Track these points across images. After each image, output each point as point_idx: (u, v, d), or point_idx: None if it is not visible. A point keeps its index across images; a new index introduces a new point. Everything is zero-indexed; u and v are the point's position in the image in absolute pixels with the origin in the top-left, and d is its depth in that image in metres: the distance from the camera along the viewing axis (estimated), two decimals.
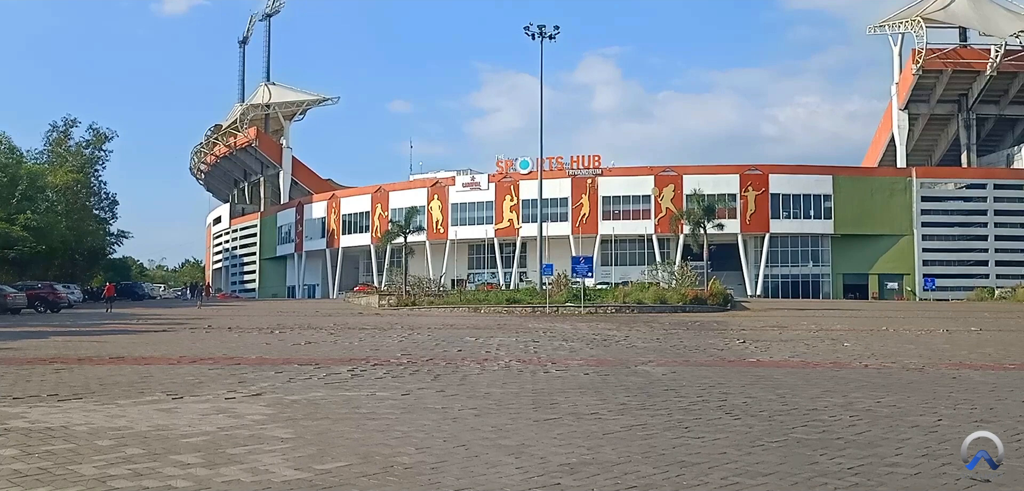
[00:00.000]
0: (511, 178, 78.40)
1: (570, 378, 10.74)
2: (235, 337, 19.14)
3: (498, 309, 36.82)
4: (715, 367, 12.43)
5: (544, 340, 18.07)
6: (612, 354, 14.70)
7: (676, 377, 10.92)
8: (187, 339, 18.40)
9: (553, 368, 11.94)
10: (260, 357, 13.68)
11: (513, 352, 14.82)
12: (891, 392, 9.54)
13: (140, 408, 8.05)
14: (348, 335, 19.75)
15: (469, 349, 15.42)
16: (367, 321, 27.66)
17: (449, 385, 9.97)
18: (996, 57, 73.93)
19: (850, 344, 17.02)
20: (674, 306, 36.86)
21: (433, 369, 11.72)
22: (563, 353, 14.75)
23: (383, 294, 48.02)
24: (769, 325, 25.31)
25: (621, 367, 12.25)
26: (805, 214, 74.89)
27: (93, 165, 64.12)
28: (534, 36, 49.91)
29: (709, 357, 14.19)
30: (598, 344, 17.02)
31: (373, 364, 12.37)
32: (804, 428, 7.06)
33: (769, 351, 15.38)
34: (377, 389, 9.56)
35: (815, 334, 20.49)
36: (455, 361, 12.95)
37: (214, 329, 22.70)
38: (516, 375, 11.05)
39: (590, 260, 40.24)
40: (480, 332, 20.93)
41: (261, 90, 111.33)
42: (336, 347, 16.00)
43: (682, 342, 17.73)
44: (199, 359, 13.20)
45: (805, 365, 12.84)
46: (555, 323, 26.67)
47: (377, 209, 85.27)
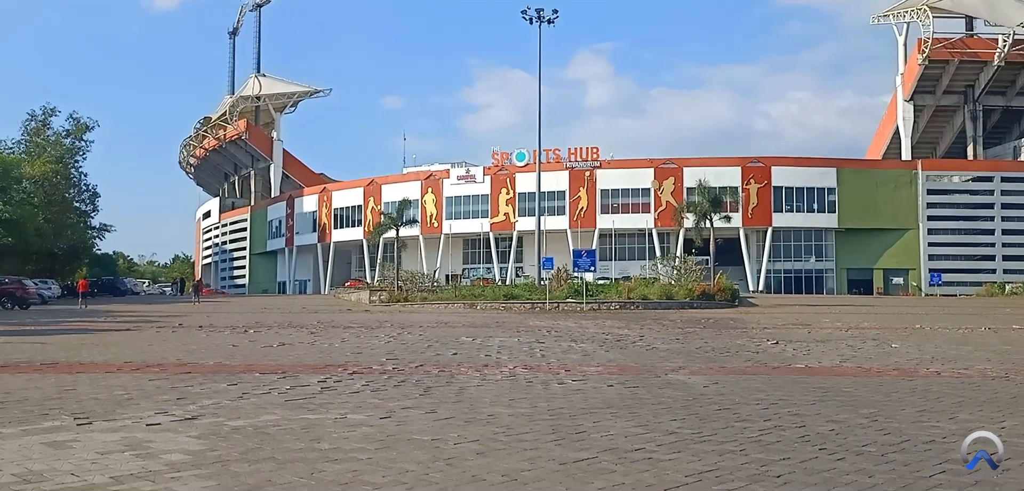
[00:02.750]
0: (507, 171, 76.22)
1: (592, 391, 8.68)
2: (202, 338, 17.02)
3: (495, 305, 34.77)
4: (762, 376, 10.38)
5: (550, 341, 16.01)
6: (633, 358, 12.64)
7: (722, 390, 8.87)
8: (146, 340, 16.26)
9: (568, 378, 9.86)
10: (219, 363, 11.56)
11: (517, 356, 12.75)
12: (1001, 411, 7.52)
13: (24, 441, 5.96)
14: (330, 335, 17.65)
15: (466, 352, 13.35)
16: (355, 319, 25.55)
17: (442, 402, 7.89)
18: (1004, 47, 71.98)
19: (898, 345, 14.99)
20: (681, 302, 34.87)
21: (423, 380, 9.64)
22: (575, 357, 12.69)
23: (374, 290, 45.88)
24: (791, 323, 23.30)
25: (649, 376, 10.19)
26: (808, 207, 72.90)
27: (73, 156, 61.53)
28: (532, 20, 47.85)
29: (746, 362, 12.14)
30: (612, 345, 14.96)
31: (351, 373, 10.28)
32: (942, 473, 5.03)
33: (812, 355, 13.33)
34: (351, 409, 7.47)
35: (850, 333, 18.47)
36: (450, 368, 10.88)
37: (184, 328, 20.57)
38: (525, 388, 8.98)
39: (593, 254, 38.12)
40: (477, 331, 18.86)
41: (251, 82, 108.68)
42: (312, 350, 13.90)
43: (707, 343, 15.68)
44: (144, 367, 11.08)
45: (865, 373, 10.80)
46: (557, 321, 24.61)
47: (369, 202, 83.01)
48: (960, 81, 77.74)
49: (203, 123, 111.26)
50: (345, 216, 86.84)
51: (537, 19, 47.59)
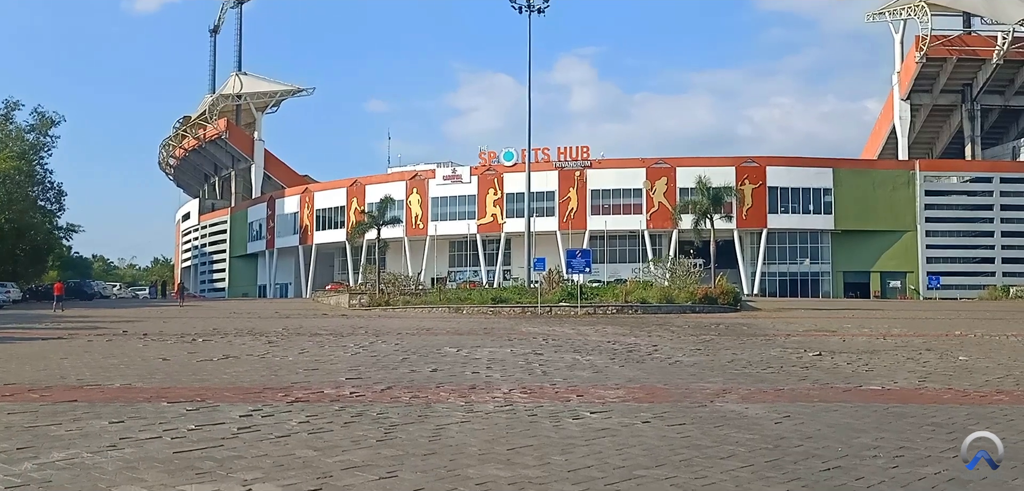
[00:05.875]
0: (494, 170, 73.63)
1: (623, 432, 6.16)
2: (135, 349, 14.37)
3: (483, 310, 32.23)
4: (836, 403, 7.88)
5: (549, 352, 13.49)
6: (657, 376, 10.14)
7: (802, 428, 6.38)
8: (64, 351, 13.58)
9: (584, 408, 7.33)
10: (125, 386, 8.93)
11: (512, 373, 10.22)
12: None
13: None
14: (291, 345, 15.05)
15: (448, 368, 10.81)
16: (328, 324, 22.95)
17: (408, 455, 5.35)
18: (1003, 44, 70.29)
19: (966, 358, 12.57)
20: (683, 306, 32.47)
21: (387, 412, 7.08)
22: (585, 374, 10.18)
23: (354, 293, 43.21)
24: (812, 329, 20.90)
25: (690, 404, 7.69)
26: (804, 208, 70.73)
27: (37, 152, 58.29)
28: (521, 9, 45.38)
29: (801, 380, 9.67)
30: (625, 358, 12.45)
31: (292, 400, 7.70)
32: None
33: (875, 371, 10.86)
34: (262, 474, 4.91)
35: (892, 341, 16.08)
36: (425, 393, 8.33)
37: (126, 335, 17.90)
38: (528, 425, 6.44)
39: (588, 254, 35.56)
40: (463, 340, 16.30)
41: (232, 80, 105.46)
42: (259, 365, 11.29)
43: (734, 354, 13.20)
44: (25, 390, 8.45)
45: (966, 397, 8.35)
46: (553, 327, 22.08)
47: (353, 203, 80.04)
48: (958, 80, 76.03)
49: (183, 123, 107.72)
50: (328, 217, 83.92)
51: (527, 8, 45.16)
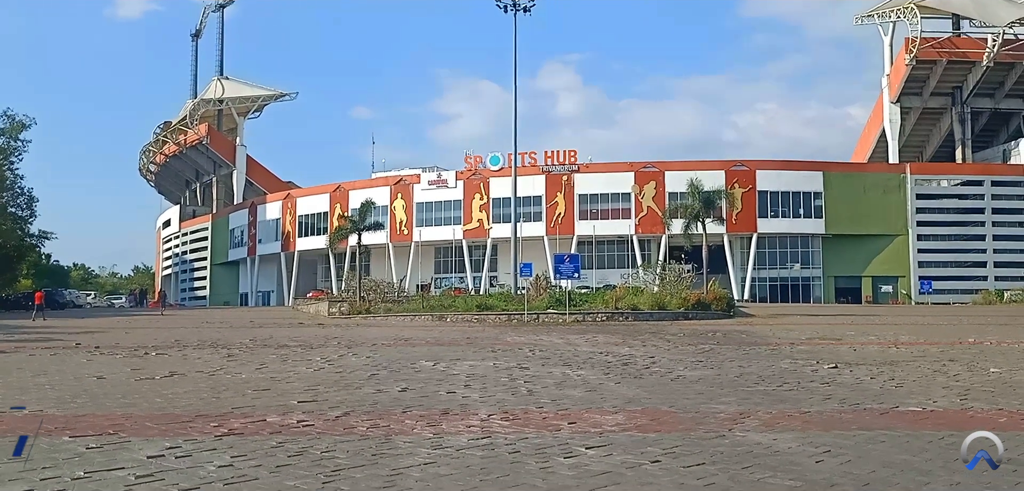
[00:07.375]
0: (480, 175, 72.32)
1: (629, 477, 4.85)
2: (74, 364, 12.92)
3: (467, 317, 30.87)
4: (879, 430, 6.59)
5: (535, 366, 12.17)
6: (660, 396, 8.83)
7: (850, 468, 5.09)
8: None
9: (578, 441, 6.01)
10: (32, 414, 7.49)
11: (493, 393, 8.90)
12: None
13: None
14: (251, 359, 13.65)
15: (420, 386, 9.46)
16: (299, 335, 21.53)
17: None
18: (993, 47, 69.70)
19: (999, 371, 11.36)
20: (675, 312, 31.25)
21: (335, 449, 5.73)
22: (577, 394, 8.87)
23: (334, 300, 41.74)
24: (815, 337, 19.71)
25: (704, 434, 6.39)
26: (794, 213, 69.82)
27: (7, 156, 56.43)
28: (507, 9, 44.25)
29: (825, 400, 8.38)
30: (622, 374, 11.15)
31: (222, 433, 6.33)
32: None
33: (905, 387, 9.61)
34: None
35: (907, 351, 14.87)
36: (389, 419, 6.98)
37: (80, 348, 16.43)
38: (509, 468, 5.12)
39: (577, 259, 34.31)
40: (442, 352, 14.96)
41: (214, 85, 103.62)
42: (204, 384, 9.90)
43: (741, 368, 11.93)
44: None
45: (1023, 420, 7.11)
46: (540, 336, 20.75)
47: (336, 209, 78.35)
48: (948, 82, 75.44)
49: (163, 128, 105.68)
50: (310, 223, 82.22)
51: (512, 7, 44.03)
